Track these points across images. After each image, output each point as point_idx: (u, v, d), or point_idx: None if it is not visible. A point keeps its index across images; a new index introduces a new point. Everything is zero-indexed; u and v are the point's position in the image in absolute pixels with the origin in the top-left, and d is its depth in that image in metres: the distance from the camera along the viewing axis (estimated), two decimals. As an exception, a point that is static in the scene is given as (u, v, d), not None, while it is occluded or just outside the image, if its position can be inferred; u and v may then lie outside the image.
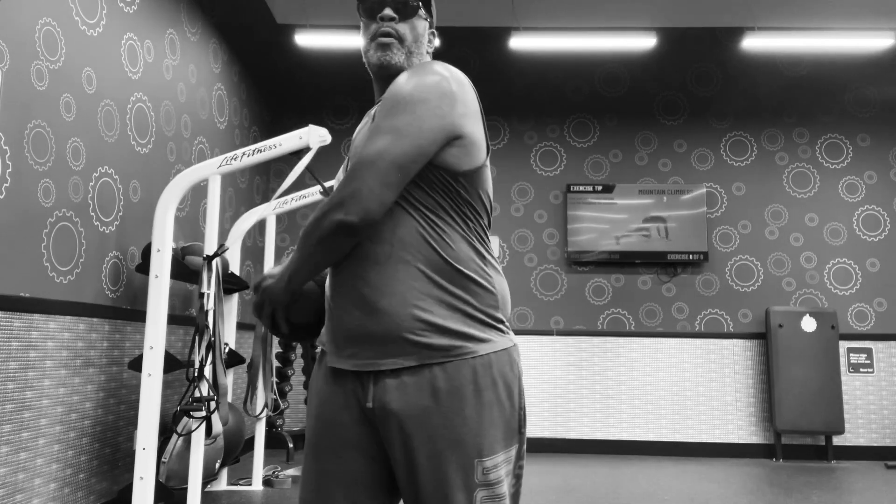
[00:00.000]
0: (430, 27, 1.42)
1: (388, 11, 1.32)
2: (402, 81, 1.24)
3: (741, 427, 5.73)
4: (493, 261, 1.29)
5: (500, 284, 1.28)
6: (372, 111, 1.36)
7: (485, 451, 1.18)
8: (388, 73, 1.34)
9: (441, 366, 1.19)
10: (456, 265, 1.23)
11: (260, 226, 5.86)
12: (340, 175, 1.42)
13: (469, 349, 1.20)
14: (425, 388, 1.19)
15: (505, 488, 1.21)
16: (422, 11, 1.37)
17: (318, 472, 1.27)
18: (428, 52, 1.41)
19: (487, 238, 1.30)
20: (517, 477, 1.25)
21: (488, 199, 1.31)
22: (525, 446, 1.28)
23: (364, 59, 1.37)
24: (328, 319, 1.30)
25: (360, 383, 1.25)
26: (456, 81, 1.25)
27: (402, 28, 1.34)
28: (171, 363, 3.31)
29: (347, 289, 1.25)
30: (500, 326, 1.26)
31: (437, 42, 1.46)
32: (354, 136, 1.36)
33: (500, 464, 1.20)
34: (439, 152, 1.23)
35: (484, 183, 1.29)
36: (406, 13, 1.34)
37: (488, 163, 1.31)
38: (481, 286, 1.24)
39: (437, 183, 1.24)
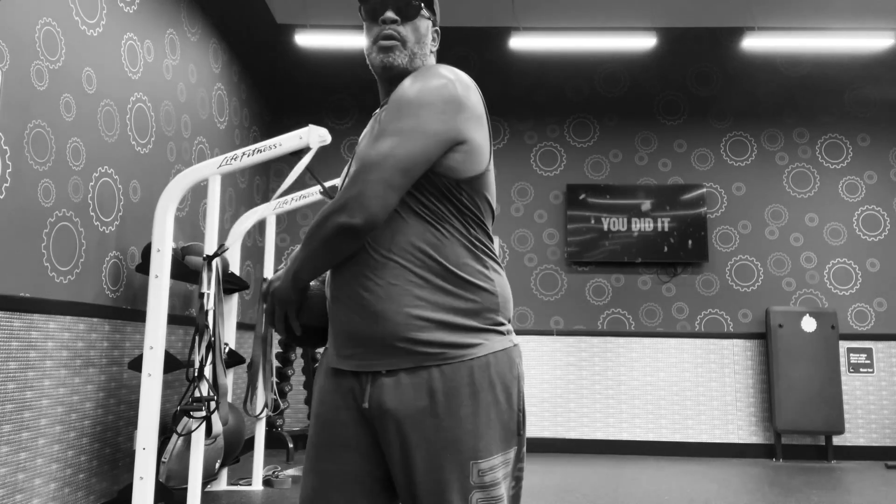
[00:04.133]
0: (434, 25, 1.40)
1: (389, 14, 1.31)
2: (408, 85, 1.24)
3: (741, 427, 5.73)
4: (494, 263, 1.29)
5: (502, 286, 1.28)
6: (377, 113, 1.36)
7: (481, 453, 1.18)
8: (392, 75, 1.33)
9: (438, 367, 1.19)
10: (454, 269, 1.23)
11: (260, 226, 5.86)
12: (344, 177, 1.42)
13: (466, 352, 1.20)
14: (422, 389, 1.19)
15: (502, 490, 1.20)
16: (424, 12, 1.35)
17: (317, 472, 1.27)
18: (432, 52, 1.39)
19: (490, 240, 1.30)
20: (517, 479, 1.25)
21: (491, 203, 1.31)
22: (525, 448, 1.28)
23: (367, 61, 1.36)
24: (330, 320, 1.31)
25: (359, 383, 1.25)
26: (462, 85, 1.24)
27: (404, 30, 1.32)
28: (171, 363, 3.31)
29: (346, 292, 1.25)
30: (500, 328, 1.25)
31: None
32: (360, 139, 1.36)
33: (497, 466, 1.19)
34: (442, 157, 1.22)
35: (486, 187, 1.29)
36: (408, 15, 1.32)
37: (492, 167, 1.31)
38: (480, 288, 1.24)
39: (436, 188, 1.24)
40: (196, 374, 3.20)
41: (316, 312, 1.35)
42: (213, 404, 3.32)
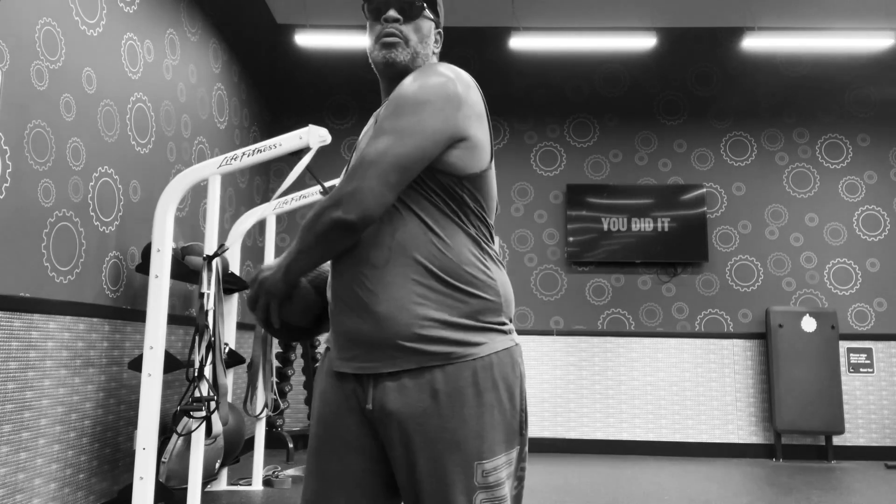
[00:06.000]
0: (437, 27, 1.40)
1: (392, 13, 1.31)
2: (408, 83, 1.24)
3: (741, 427, 5.73)
4: (495, 262, 1.29)
5: (504, 285, 1.28)
6: (378, 112, 1.37)
7: (485, 454, 1.18)
8: (394, 72, 1.34)
9: (441, 368, 1.19)
10: (456, 268, 1.22)
11: (260, 226, 5.86)
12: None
13: (469, 351, 1.20)
14: (425, 390, 1.18)
15: (506, 490, 1.20)
16: (427, 12, 1.35)
17: (319, 474, 1.27)
18: (434, 53, 1.40)
19: (491, 239, 1.30)
20: (519, 479, 1.25)
21: (492, 201, 1.31)
22: (526, 448, 1.27)
23: (370, 59, 1.37)
24: (331, 322, 1.30)
25: (361, 385, 1.25)
26: (462, 83, 1.25)
27: (407, 29, 1.32)
28: (171, 363, 3.31)
29: (347, 292, 1.25)
30: (503, 327, 1.25)
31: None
32: (360, 137, 1.36)
33: (500, 466, 1.19)
34: (442, 155, 1.23)
35: (488, 185, 1.29)
36: (411, 14, 1.33)
37: (493, 167, 1.31)
38: (483, 288, 1.24)
39: (439, 185, 1.24)
40: (196, 374, 3.20)
41: (297, 309, 1.34)
42: (213, 404, 3.32)
